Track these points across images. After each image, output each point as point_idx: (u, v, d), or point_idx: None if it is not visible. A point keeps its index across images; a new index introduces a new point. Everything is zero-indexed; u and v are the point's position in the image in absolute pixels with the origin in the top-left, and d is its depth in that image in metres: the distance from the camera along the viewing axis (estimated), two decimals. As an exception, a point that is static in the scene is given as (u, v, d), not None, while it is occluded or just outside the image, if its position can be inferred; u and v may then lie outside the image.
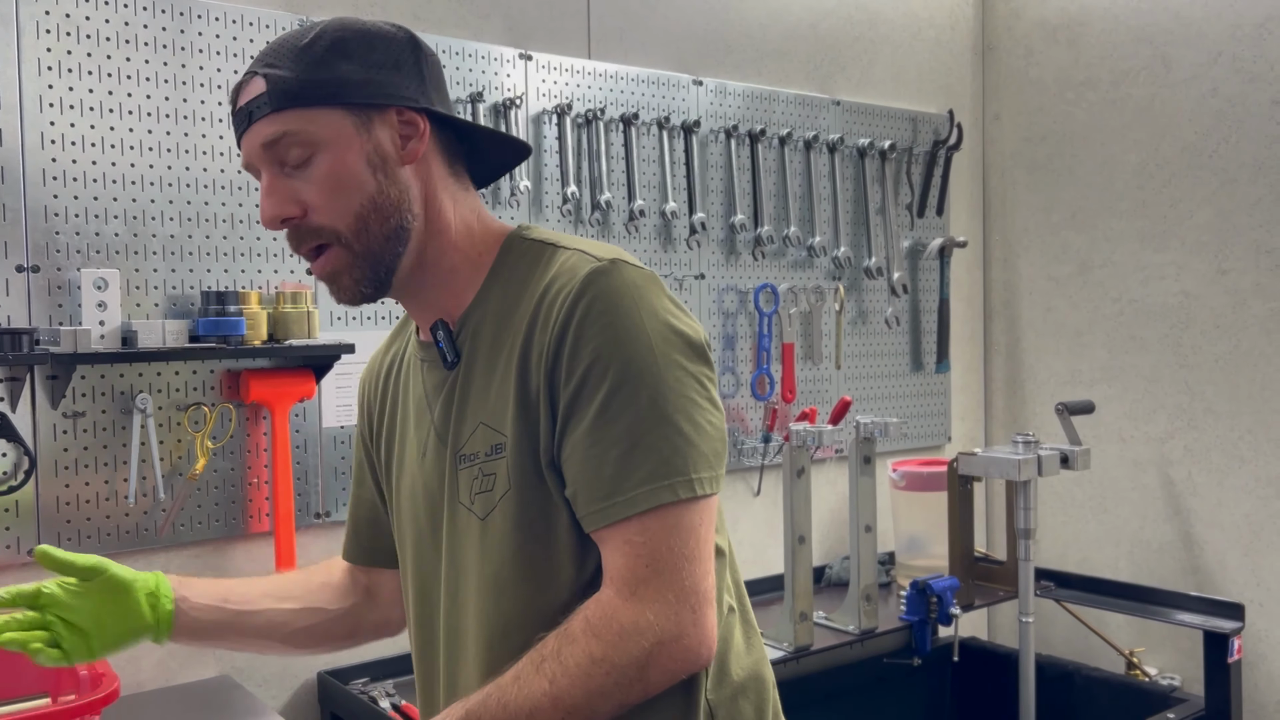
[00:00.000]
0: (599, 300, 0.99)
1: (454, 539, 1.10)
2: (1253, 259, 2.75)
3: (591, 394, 0.99)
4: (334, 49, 1.03)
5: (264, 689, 2.08)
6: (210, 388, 2.00)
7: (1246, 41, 2.75)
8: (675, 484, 0.97)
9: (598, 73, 2.50)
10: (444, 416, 1.11)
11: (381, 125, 1.05)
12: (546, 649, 0.98)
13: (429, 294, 1.12)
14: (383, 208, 1.05)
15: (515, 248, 1.11)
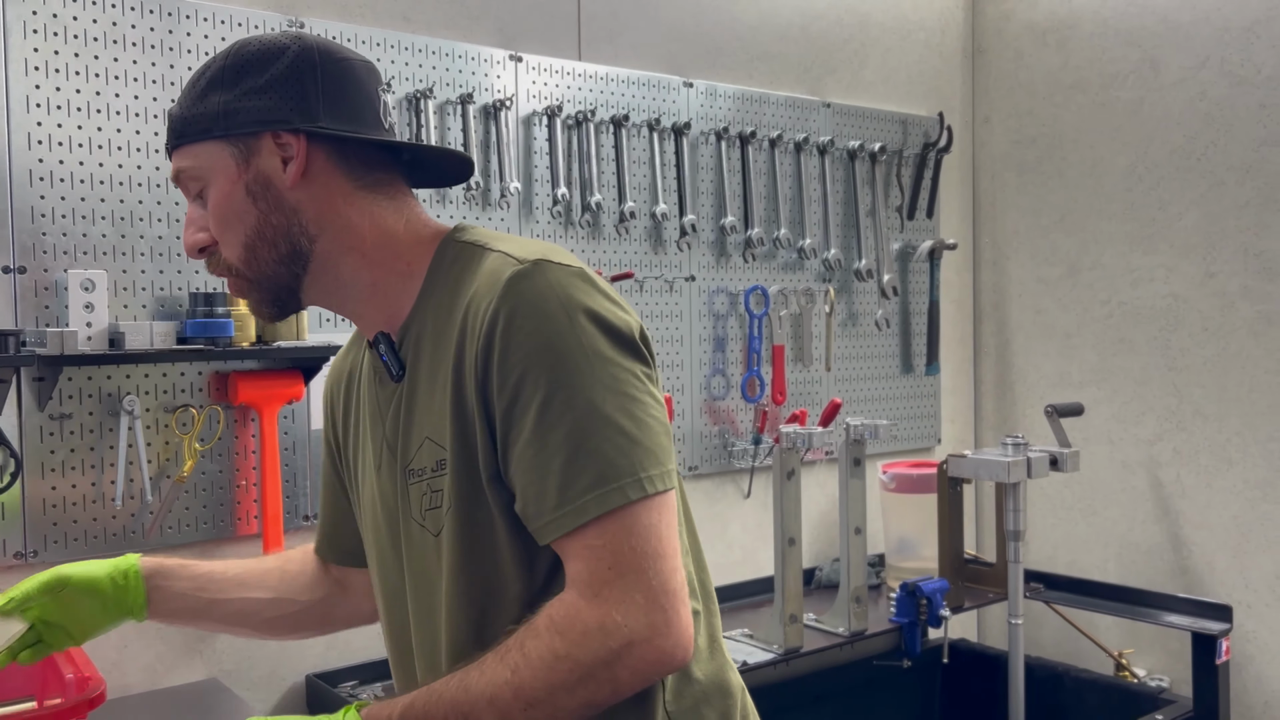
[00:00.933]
0: (522, 305, 0.96)
1: (413, 553, 1.09)
2: (1241, 262, 2.76)
3: (526, 404, 0.96)
4: (212, 82, 1.04)
5: (252, 692, 2.07)
6: (198, 389, 1.99)
7: (1234, 45, 2.76)
8: (624, 485, 0.94)
9: (588, 74, 2.50)
10: (394, 430, 1.09)
11: (259, 153, 1.04)
12: (510, 641, 0.96)
13: (358, 308, 1.10)
14: (267, 235, 1.04)
15: (448, 252, 1.07)
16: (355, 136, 1.06)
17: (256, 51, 1.04)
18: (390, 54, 2.20)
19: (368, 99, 1.08)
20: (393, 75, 2.20)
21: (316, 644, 2.14)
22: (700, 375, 2.71)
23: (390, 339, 1.09)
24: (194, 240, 1.07)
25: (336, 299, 1.10)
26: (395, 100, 2.20)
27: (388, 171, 1.10)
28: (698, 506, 2.72)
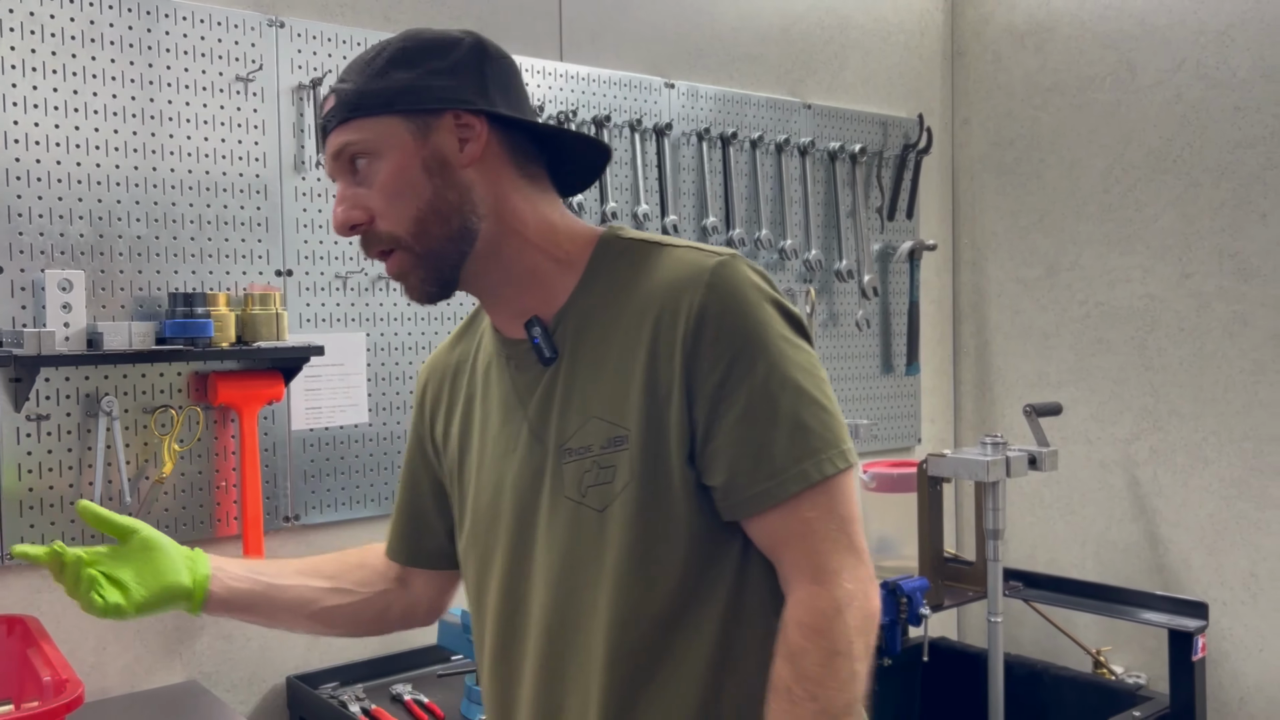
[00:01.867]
0: (731, 294, 1.04)
1: (556, 533, 1.10)
2: (1216, 263, 2.79)
3: (736, 384, 1.03)
4: (392, 60, 1.08)
5: (232, 694, 2.06)
6: (177, 390, 1.98)
7: (1209, 48, 2.79)
8: (831, 456, 1.03)
9: (569, 75, 2.50)
10: (541, 412, 1.12)
11: (439, 130, 1.07)
12: (782, 680, 1.01)
13: (510, 292, 1.13)
14: (441, 210, 1.07)
15: (612, 247, 1.13)
16: (531, 123, 1.12)
17: (435, 38, 1.10)
18: (371, 54, 2.19)
19: (525, 95, 1.15)
20: (373, 75, 2.19)
21: (297, 646, 2.14)
22: (682, 375, 2.71)
23: (544, 324, 1.12)
24: (349, 217, 1.08)
25: (490, 281, 1.13)
26: (376, 100, 2.20)
27: (539, 165, 1.15)
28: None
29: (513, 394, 1.15)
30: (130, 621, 1.93)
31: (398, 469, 2.22)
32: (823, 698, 0.99)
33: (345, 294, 2.17)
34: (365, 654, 2.21)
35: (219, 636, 2.05)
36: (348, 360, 2.16)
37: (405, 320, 2.25)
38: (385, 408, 2.23)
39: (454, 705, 2.01)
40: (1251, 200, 2.72)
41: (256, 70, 2.05)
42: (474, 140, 1.08)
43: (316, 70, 2.12)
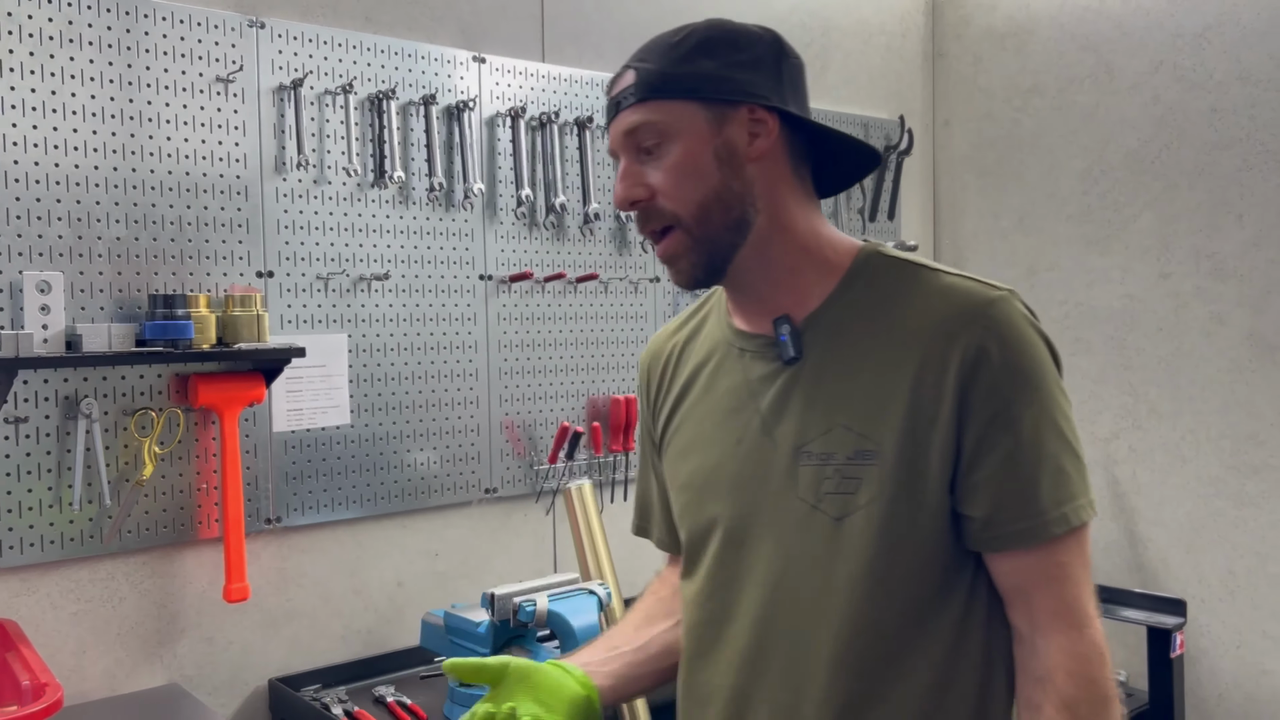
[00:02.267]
0: (1010, 333, 1.06)
1: (782, 531, 1.12)
2: (1193, 263, 2.82)
3: (1012, 422, 1.05)
4: (698, 47, 1.10)
5: (213, 697, 2.05)
6: (158, 392, 1.97)
7: (1186, 51, 2.82)
8: (1085, 504, 1.07)
9: (552, 76, 2.50)
10: (776, 409, 1.13)
11: (733, 122, 1.10)
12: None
13: (765, 289, 1.15)
14: (725, 199, 1.10)
15: (874, 262, 1.15)
16: (818, 126, 1.14)
17: (736, 30, 1.13)
18: (352, 55, 2.19)
19: (807, 96, 1.17)
20: (354, 76, 2.19)
21: (278, 648, 2.13)
22: (665, 376, 2.72)
23: (793, 323, 1.13)
24: (632, 193, 1.11)
25: (750, 276, 1.14)
26: (357, 101, 2.19)
27: (808, 168, 1.17)
28: (662, 507, 2.73)
29: (744, 386, 1.17)
30: (111, 624, 1.93)
31: (380, 470, 2.23)
32: None
33: (327, 295, 2.16)
34: (347, 656, 2.21)
35: (200, 639, 2.04)
36: (329, 362, 2.16)
37: (387, 322, 2.25)
38: (367, 409, 2.22)
39: (436, 707, 2.01)
40: (1228, 201, 2.75)
41: (237, 71, 2.04)
42: (764, 136, 1.11)
43: (297, 71, 2.12)
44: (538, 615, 1.80)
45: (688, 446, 1.23)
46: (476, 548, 2.42)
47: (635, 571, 2.67)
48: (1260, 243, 2.69)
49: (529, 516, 2.50)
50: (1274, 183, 2.66)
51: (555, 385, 2.52)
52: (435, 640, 2.06)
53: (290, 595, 2.15)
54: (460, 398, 2.36)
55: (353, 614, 2.23)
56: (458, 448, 2.36)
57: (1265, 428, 2.69)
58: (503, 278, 2.42)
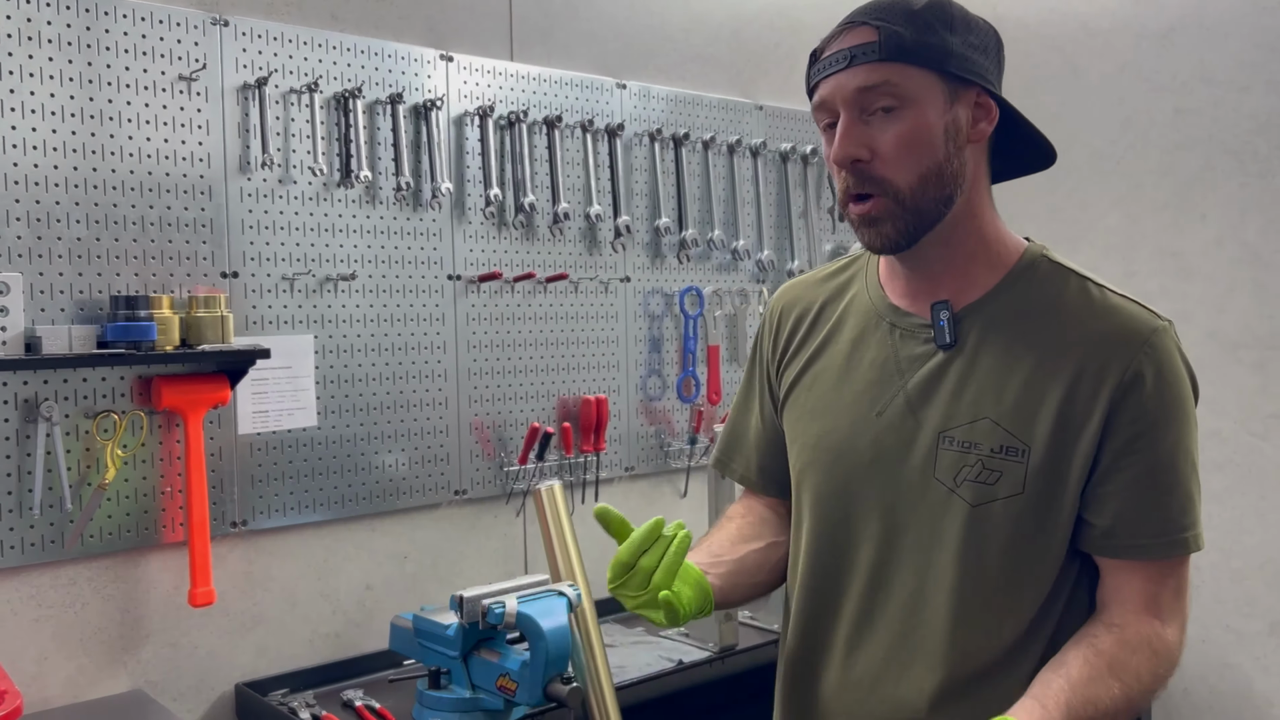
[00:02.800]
0: (1166, 364, 1.12)
1: (915, 508, 1.17)
2: (1158, 262, 2.85)
3: (1152, 446, 1.11)
4: (943, 21, 1.11)
5: (179, 703, 2.03)
6: (120, 394, 1.94)
7: (1150, 52, 2.84)
8: (1197, 535, 1.14)
9: (520, 75, 2.49)
10: (924, 391, 1.18)
11: (963, 101, 1.12)
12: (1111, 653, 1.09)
13: (938, 268, 1.18)
14: (942, 176, 1.12)
15: (1040, 265, 1.19)
16: (1028, 122, 1.17)
17: (968, 14, 1.15)
18: (318, 53, 2.17)
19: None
20: (320, 75, 2.17)
21: (245, 652, 2.11)
22: (636, 376, 2.72)
23: (951, 309, 1.17)
24: (854, 152, 1.11)
25: (934, 254, 1.17)
26: (323, 100, 2.18)
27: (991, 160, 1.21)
28: (635, 507, 2.73)
29: (892, 360, 1.21)
30: (73, 630, 1.90)
31: (348, 472, 2.21)
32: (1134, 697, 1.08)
33: (292, 296, 2.14)
34: (315, 660, 2.19)
35: (165, 644, 2.02)
36: (295, 363, 2.14)
37: (355, 322, 2.23)
38: (335, 411, 2.20)
39: (406, 711, 2.00)
40: (1192, 201, 2.78)
41: (200, 69, 2.02)
42: (986, 120, 1.14)
43: (262, 69, 2.09)
44: (507, 617, 1.79)
45: (820, 407, 1.26)
46: (446, 550, 2.40)
47: (603, 573, 2.66)
48: (1223, 242, 2.72)
49: (499, 518, 2.49)
50: (1236, 182, 2.70)
51: (525, 386, 2.51)
52: (404, 643, 2.04)
53: (257, 599, 2.13)
54: (429, 399, 2.34)
55: (321, 617, 2.21)
56: (426, 449, 2.34)
57: (1228, 425, 2.72)
58: (471, 278, 2.40)
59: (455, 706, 1.64)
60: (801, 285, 1.37)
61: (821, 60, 1.16)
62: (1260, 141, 2.65)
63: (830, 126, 1.16)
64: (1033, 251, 1.21)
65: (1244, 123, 2.68)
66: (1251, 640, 2.71)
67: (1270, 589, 2.67)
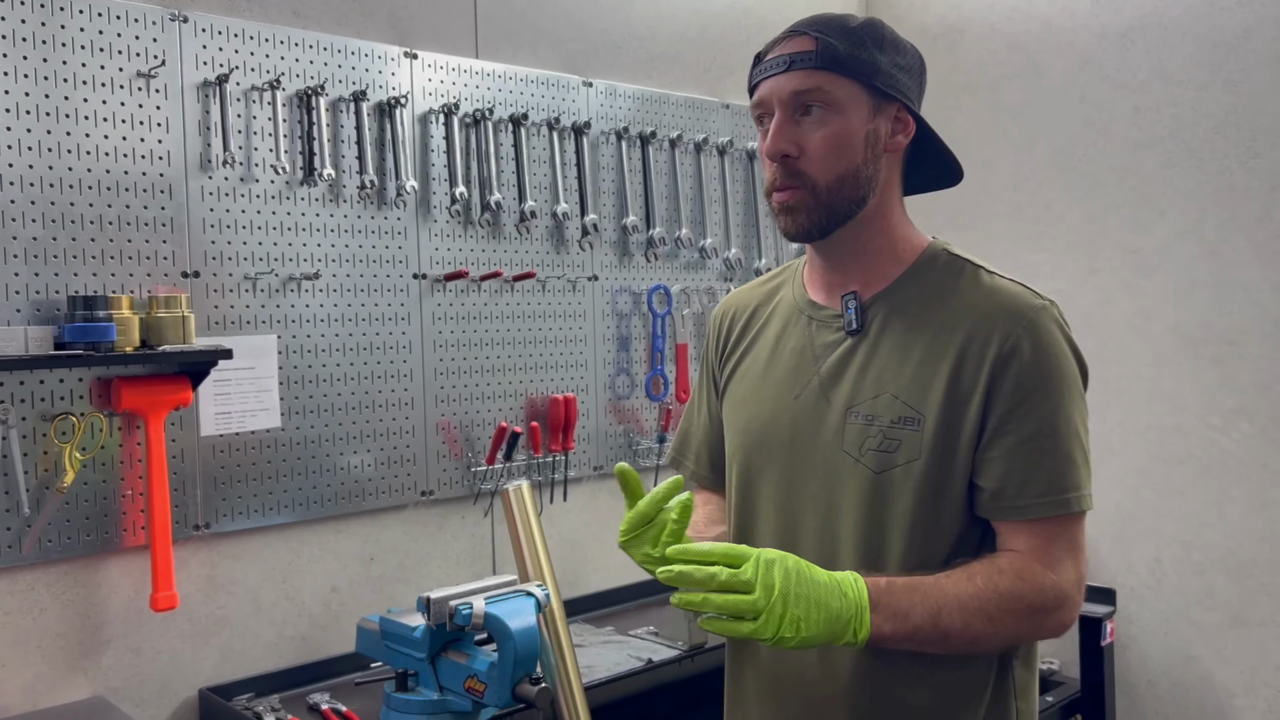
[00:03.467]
0: (1043, 336, 1.22)
1: (828, 477, 1.28)
2: (1119, 259, 2.88)
3: (1031, 412, 1.20)
4: (875, 40, 1.25)
5: (141, 709, 2.00)
6: (79, 396, 1.91)
7: (1111, 51, 2.88)
8: (1083, 496, 1.22)
9: (485, 72, 2.47)
10: (835, 373, 1.30)
11: (884, 114, 1.26)
12: (976, 568, 1.19)
13: (849, 261, 1.31)
14: (857, 178, 1.25)
15: (940, 259, 1.32)
16: (940, 141, 1.31)
17: (897, 36, 1.28)
18: (280, 50, 2.15)
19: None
20: (282, 72, 2.15)
21: (210, 656, 2.08)
22: (604, 375, 2.71)
23: (859, 299, 1.30)
24: (784, 148, 1.24)
25: (844, 248, 1.30)
26: (285, 98, 2.15)
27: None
28: (605, 506, 2.72)
29: (809, 349, 1.34)
30: (31, 636, 1.87)
31: (313, 474, 2.19)
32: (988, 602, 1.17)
33: (255, 295, 2.12)
34: (280, 664, 2.17)
35: (126, 650, 1.98)
36: (258, 363, 2.11)
37: (319, 322, 2.21)
38: (299, 411, 2.18)
39: (372, 713, 1.98)
40: (1151, 198, 2.81)
41: (159, 66, 1.99)
42: (903, 134, 1.28)
43: (222, 66, 2.07)
44: (474, 618, 1.78)
45: (749, 394, 1.39)
46: (413, 551, 2.39)
47: (575, 573, 2.66)
48: (1183, 239, 2.76)
49: (467, 518, 2.47)
50: (1195, 180, 2.73)
51: (492, 385, 2.49)
52: (371, 646, 2.02)
53: (221, 603, 2.10)
54: (395, 399, 2.33)
55: (286, 621, 2.19)
56: (393, 450, 2.32)
57: (1189, 420, 2.76)
58: (437, 277, 2.39)
59: (423, 709, 1.63)
60: (740, 293, 1.50)
61: (764, 62, 1.28)
62: (1218, 139, 2.69)
63: (764, 121, 1.28)
64: (934, 247, 1.33)
65: (1202, 121, 2.71)
66: (1213, 632, 2.75)
67: (1231, 581, 2.71)
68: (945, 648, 1.19)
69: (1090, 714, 2.57)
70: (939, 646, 1.18)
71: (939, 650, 1.20)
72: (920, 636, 1.16)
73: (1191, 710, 2.80)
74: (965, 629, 1.16)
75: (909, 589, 1.16)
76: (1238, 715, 2.72)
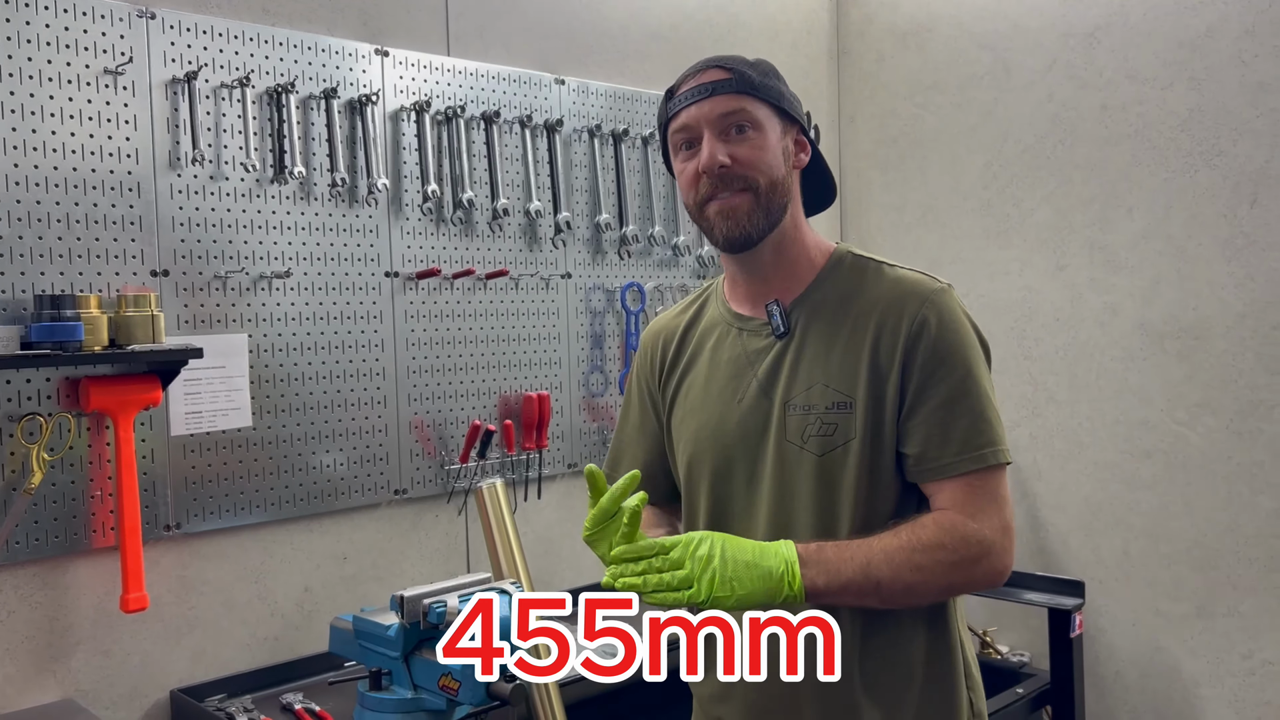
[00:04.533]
0: (946, 312, 1.36)
1: (780, 469, 1.39)
2: (1087, 255, 2.91)
3: (940, 380, 1.33)
4: (773, 74, 1.44)
5: (111, 711, 1.98)
6: (46, 396, 1.89)
7: (1078, 49, 2.91)
8: (1001, 450, 1.34)
9: (457, 70, 2.47)
10: (770, 374, 1.42)
11: (789, 134, 1.43)
12: (902, 527, 1.30)
13: (769, 273, 1.44)
14: (781, 186, 1.40)
15: (846, 261, 1.46)
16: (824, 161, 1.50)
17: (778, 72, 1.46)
18: (249, 47, 2.13)
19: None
20: (252, 69, 2.13)
21: (181, 657, 2.07)
22: (578, 372, 2.71)
23: (782, 305, 1.42)
24: (721, 159, 1.36)
25: (764, 260, 1.43)
26: (254, 95, 2.14)
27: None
28: (578, 504, 2.72)
29: (743, 356, 1.45)
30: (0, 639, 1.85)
31: (285, 473, 2.18)
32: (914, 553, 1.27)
33: (225, 294, 2.10)
34: (253, 664, 2.16)
35: (96, 652, 1.97)
36: (229, 362, 2.10)
37: (290, 321, 2.19)
38: (270, 411, 2.17)
39: (346, 713, 1.97)
40: (1119, 195, 2.85)
41: (126, 63, 1.97)
42: (804, 153, 1.45)
43: (191, 63, 2.05)
44: (448, 616, 1.77)
45: (696, 406, 1.49)
46: (387, 550, 2.38)
47: (549, 570, 2.66)
48: (1149, 235, 2.79)
49: (440, 517, 2.47)
50: (1161, 177, 2.77)
51: (466, 383, 2.49)
52: (344, 645, 2.01)
53: (192, 604, 2.08)
54: (367, 397, 2.32)
55: (259, 621, 2.18)
56: (365, 448, 2.31)
57: (1155, 413, 2.80)
58: (409, 275, 2.38)
59: (397, 708, 1.63)
60: (664, 319, 1.61)
61: (680, 94, 1.41)
62: (1183, 137, 2.72)
63: (689, 145, 1.40)
64: (840, 250, 1.47)
65: (1168, 119, 2.75)
66: (1179, 623, 2.79)
67: (1196, 572, 2.75)
68: (881, 600, 1.29)
69: (1060, 706, 2.60)
70: (875, 599, 1.28)
71: (876, 603, 1.30)
72: (854, 589, 1.26)
73: (1159, 701, 2.84)
74: (895, 579, 1.26)
75: (838, 547, 1.28)
76: (1203, 705, 2.76)
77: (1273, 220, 2.60)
